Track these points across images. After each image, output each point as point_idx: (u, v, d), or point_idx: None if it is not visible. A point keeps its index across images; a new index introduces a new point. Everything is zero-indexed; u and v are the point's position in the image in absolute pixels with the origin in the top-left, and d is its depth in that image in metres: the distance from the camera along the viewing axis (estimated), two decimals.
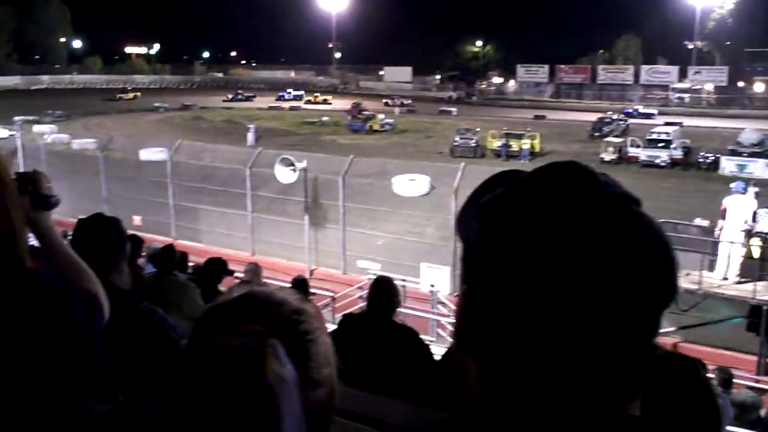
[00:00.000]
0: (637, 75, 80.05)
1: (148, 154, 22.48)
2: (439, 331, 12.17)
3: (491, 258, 0.64)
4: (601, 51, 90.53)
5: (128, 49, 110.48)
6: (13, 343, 1.16)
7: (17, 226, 1.31)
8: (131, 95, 74.19)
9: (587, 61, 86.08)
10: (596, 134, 44.68)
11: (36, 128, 35.24)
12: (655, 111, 71.41)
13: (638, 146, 35.38)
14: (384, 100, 70.09)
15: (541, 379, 0.62)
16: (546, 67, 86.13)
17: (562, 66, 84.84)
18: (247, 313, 0.82)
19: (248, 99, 76.55)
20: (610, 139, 39.08)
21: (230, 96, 76.55)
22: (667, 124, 43.92)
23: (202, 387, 0.74)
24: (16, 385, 1.17)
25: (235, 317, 0.81)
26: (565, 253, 0.61)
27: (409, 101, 70.35)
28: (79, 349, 1.29)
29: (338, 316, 6.31)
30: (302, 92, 78.90)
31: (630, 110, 71.10)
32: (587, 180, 0.66)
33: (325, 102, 72.64)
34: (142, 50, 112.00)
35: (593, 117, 51.32)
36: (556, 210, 0.63)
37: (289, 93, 77.92)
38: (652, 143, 35.17)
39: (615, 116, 51.78)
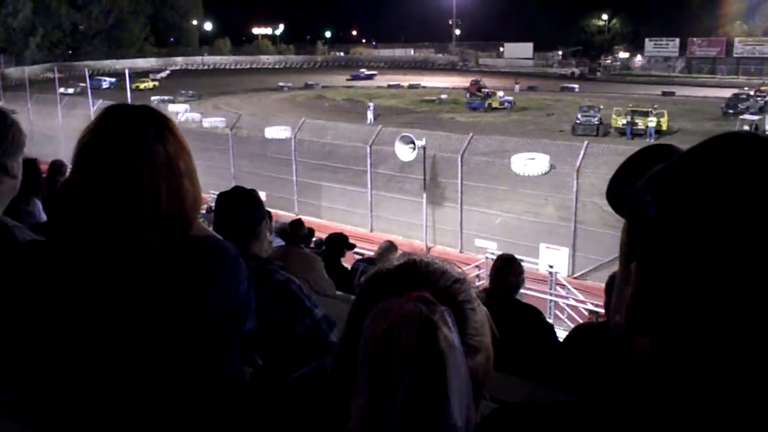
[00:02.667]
0: None
1: (272, 132, 23.34)
2: (557, 312, 11.96)
3: (679, 235, 0.61)
4: (738, 22, 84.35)
5: (255, 31, 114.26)
6: (193, 306, 1.25)
7: (200, 192, 1.40)
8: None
9: (722, 34, 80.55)
10: (730, 111, 41.97)
11: (171, 107, 37.49)
12: (375, 72, 69.76)
13: None
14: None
15: (727, 361, 0.59)
16: (676, 41, 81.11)
17: (694, 39, 79.48)
18: (412, 280, 0.85)
19: (370, 77, 77.31)
20: (745, 116, 36.46)
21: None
22: None
23: (374, 349, 0.78)
24: (188, 346, 1.25)
25: (401, 284, 0.84)
26: (763, 224, 0.57)
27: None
28: (243, 313, 1.38)
29: None
30: (114, 79, 70.70)
31: (358, 72, 68.59)
32: None
33: (154, 88, 67.21)
34: (268, 31, 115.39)
35: (727, 93, 48.16)
36: (750, 181, 0.59)
37: (105, 80, 70.67)
38: None
39: (752, 92, 48.26)
